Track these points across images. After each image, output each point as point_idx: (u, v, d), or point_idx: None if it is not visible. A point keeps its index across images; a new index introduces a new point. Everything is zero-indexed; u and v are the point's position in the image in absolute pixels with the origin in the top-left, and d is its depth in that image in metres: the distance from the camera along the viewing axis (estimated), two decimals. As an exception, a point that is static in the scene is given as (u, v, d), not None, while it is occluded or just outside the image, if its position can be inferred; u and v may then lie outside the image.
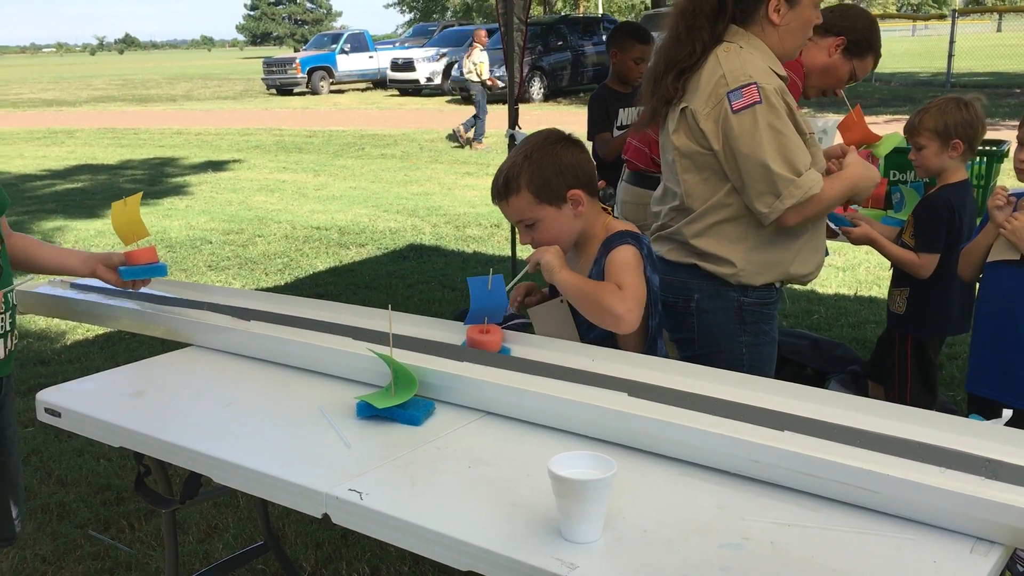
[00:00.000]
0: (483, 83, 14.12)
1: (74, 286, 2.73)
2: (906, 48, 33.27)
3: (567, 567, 1.31)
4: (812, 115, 3.51)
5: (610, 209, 2.32)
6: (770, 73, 2.20)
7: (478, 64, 14.11)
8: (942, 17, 26.65)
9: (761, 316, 2.34)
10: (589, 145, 4.15)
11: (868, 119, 3.45)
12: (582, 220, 2.17)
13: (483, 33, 14.82)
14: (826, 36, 3.00)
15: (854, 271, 6.25)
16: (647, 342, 2.18)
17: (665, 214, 2.40)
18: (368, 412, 1.86)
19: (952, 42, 19.86)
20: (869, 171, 2.35)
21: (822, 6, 2.39)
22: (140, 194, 2.51)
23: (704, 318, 2.32)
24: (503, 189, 2.14)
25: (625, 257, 2.10)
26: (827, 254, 2.50)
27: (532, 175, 2.10)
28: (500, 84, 13.99)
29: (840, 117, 3.47)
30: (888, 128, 3.25)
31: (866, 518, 1.42)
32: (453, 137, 14.21)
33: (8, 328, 2.23)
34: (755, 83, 2.14)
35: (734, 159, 2.18)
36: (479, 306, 2.11)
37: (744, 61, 2.18)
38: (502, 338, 2.11)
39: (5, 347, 2.22)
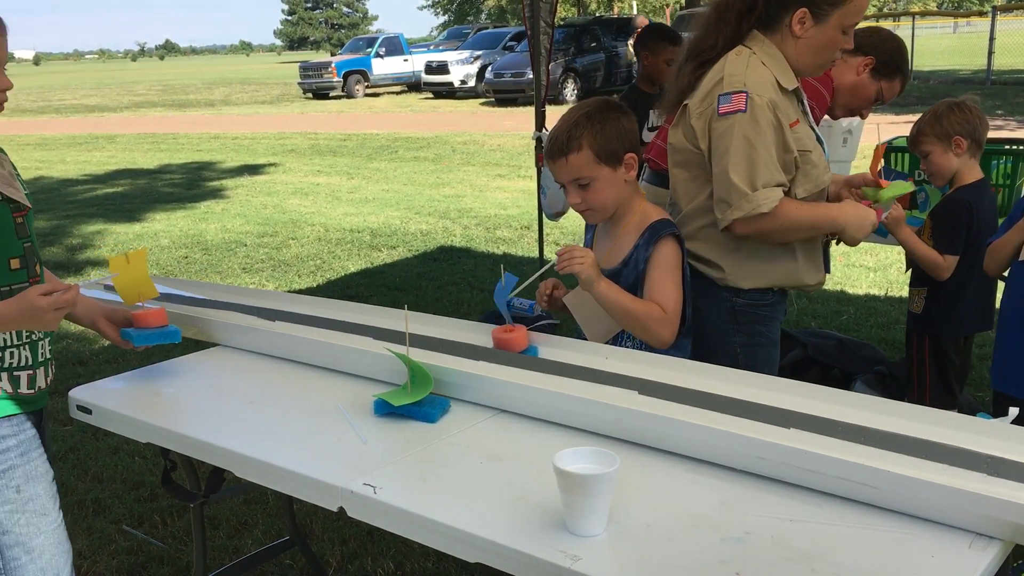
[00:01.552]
0: None
1: (107, 287, 2.81)
2: (946, 45, 32.82)
3: (570, 559, 1.35)
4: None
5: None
6: (771, 85, 2.19)
7: None
8: (983, 14, 26.25)
9: (756, 318, 2.34)
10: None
11: (906, 117, 3.45)
12: (628, 188, 2.22)
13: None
14: (855, 55, 3.02)
15: (885, 271, 6.20)
16: (683, 328, 2.23)
17: (666, 210, 2.44)
18: (385, 410, 1.91)
19: (992, 39, 19.57)
20: (863, 219, 2.30)
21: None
22: (144, 250, 2.31)
23: (698, 317, 2.33)
24: (565, 145, 2.16)
25: (670, 258, 2.17)
26: (828, 271, 2.50)
27: (595, 134, 2.14)
28: None
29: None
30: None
31: (867, 513, 1.44)
32: None
33: (49, 356, 2.07)
34: (746, 92, 2.15)
35: (710, 161, 2.22)
36: (500, 305, 2.17)
37: (748, 68, 2.19)
38: (526, 336, 2.15)
39: (46, 376, 2.06)
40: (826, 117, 3.24)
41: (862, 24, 2.48)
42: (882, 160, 3.53)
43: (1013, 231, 2.72)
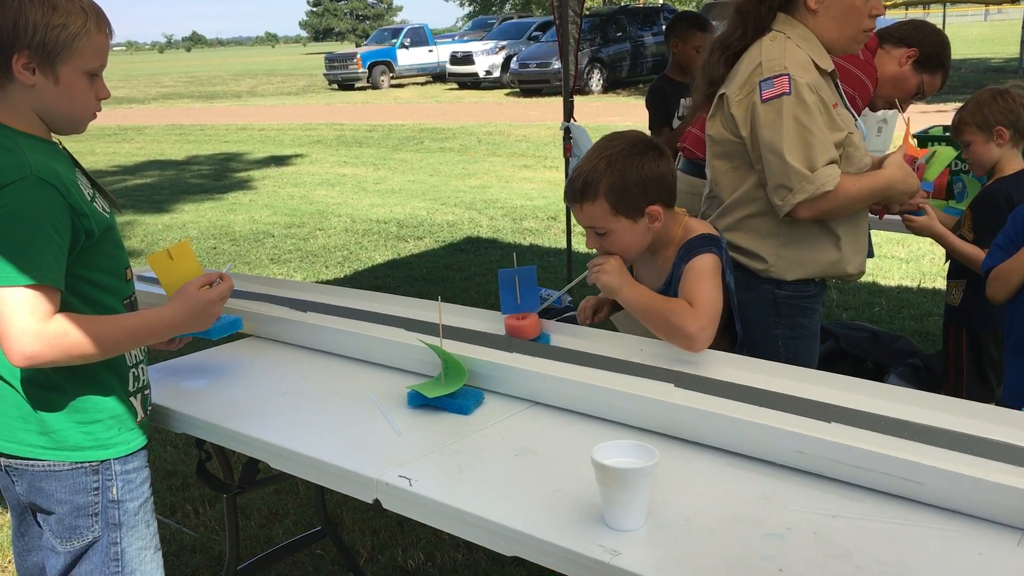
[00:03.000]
0: None
1: (140, 278, 2.82)
2: (977, 33, 32.35)
3: (609, 553, 1.33)
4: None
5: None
6: (809, 66, 2.17)
7: None
8: (1015, 1, 25.82)
9: (798, 309, 2.30)
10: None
11: (937, 106, 3.41)
12: (652, 232, 2.07)
13: None
14: (899, 46, 3.01)
15: (917, 262, 6.13)
16: (735, 349, 2.16)
17: (703, 202, 2.42)
18: (419, 401, 1.90)
19: (1025, 26, 19.25)
20: (908, 177, 2.29)
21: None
22: (188, 240, 2.04)
23: (739, 309, 2.31)
24: (579, 193, 2.02)
25: (704, 266, 2.03)
26: (871, 255, 2.46)
27: (612, 184, 1.98)
28: None
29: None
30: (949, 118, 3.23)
31: (911, 509, 1.42)
32: None
33: (147, 381, 1.92)
34: (787, 74, 2.12)
35: (757, 148, 2.18)
36: (510, 296, 2.14)
37: (785, 51, 2.17)
38: (538, 323, 2.14)
39: (145, 408, 1.89)
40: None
41: (895, 14, 2.46)
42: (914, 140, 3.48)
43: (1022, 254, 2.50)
